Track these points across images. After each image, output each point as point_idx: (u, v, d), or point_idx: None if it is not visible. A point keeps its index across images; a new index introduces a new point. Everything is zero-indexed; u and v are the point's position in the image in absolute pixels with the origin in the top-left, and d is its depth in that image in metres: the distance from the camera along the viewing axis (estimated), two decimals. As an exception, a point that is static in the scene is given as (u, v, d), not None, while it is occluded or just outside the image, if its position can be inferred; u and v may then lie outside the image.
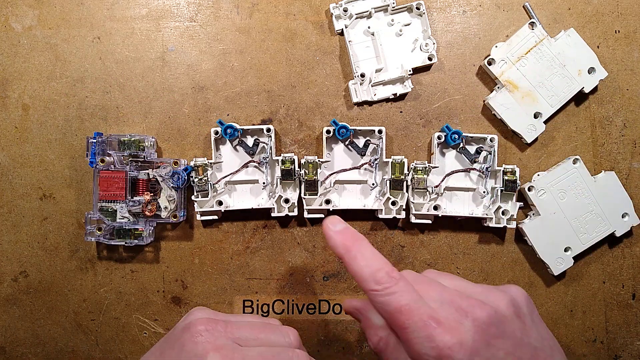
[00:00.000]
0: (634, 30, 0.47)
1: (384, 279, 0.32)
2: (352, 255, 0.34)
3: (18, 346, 0.48)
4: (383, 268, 0.32)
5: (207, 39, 0.47)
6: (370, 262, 0.33)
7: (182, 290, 0.47)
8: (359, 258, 0.33)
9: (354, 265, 0.33)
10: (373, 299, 0.32)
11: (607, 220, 0.46)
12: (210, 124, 0.47)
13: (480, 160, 0.46)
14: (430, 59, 0.46)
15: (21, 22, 0.47)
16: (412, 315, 0.31)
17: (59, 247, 0.47)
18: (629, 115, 0.47)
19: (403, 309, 0.31)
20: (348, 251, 0.34)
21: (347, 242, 0.34)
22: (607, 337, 0.48)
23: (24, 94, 0.47)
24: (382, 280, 0.32)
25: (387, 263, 0.33)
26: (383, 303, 0.32)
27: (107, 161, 0.44)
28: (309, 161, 0.45)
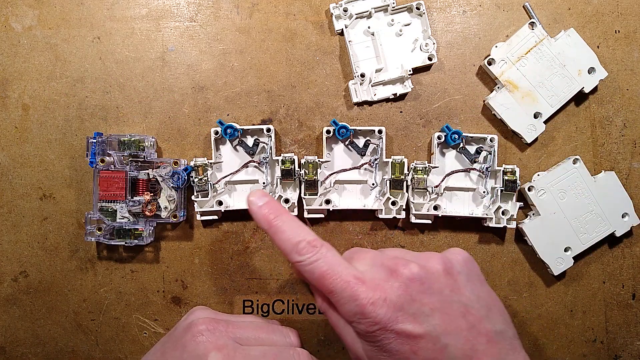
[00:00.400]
0: (634, 30, 0.47)
1: (305, 249, 0.32)
2: (274, 230, 0.34)
3: (18, 346, 0.48)
4: (304, 238, 0.32)
5: (207, 39, 0.47)
6: (291, 234, 0.33)
7: (182, 290, 0.47)
8: (280, 232, 0.33)
9: (277, 240, 0.34)
10: (300, 270, 0.33)
11: (607, 220, 0.46)
12: (210, 124, 0.47)
13: (480, 160, 0.46)
14: (430, 59, 0.47)
15: (21, 22, 0.47)
16: (334, 277, 0.31)
17: (59, 247, 0.47)
18: (629, 115, 0.47)
19: (325, 273, 0.31)
20: (270, 226, 0.34)
21: (269, 217, 0.34)
22: (607, 337, 0.48)
23: (24, 94, 0.47)
24: (304, 251, 0.32)
25: (309, 233, 0.33)
26: (308, 272, 0.32)
27: (107, 161, 0.44)
28: (309, 161, 0.45)
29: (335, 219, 0.48)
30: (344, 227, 0.48)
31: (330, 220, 0.48)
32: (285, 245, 0.33)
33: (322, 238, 0.46)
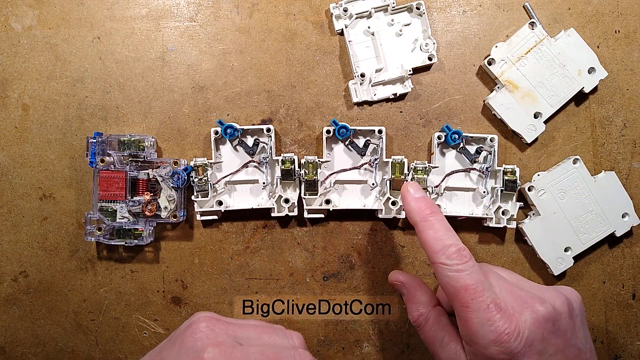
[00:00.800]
0: (634, 30, 0.47)
1: (455, 254, 0.32)
2: (427, 225, 0.34)
3: (18, 346, 0.48)
4: (455, 244, 0.33)
5: (207, 39, 0.47)
6: (443, 235, 0.33)
7: (182, 290, 0.47)
8: (434, 229, 0.34)
9: (426, 235, 0.34)
10: (440, 272, 0.33)
11: (607, 220, 0.46)
12: (210, 124, 0.47)
13: (480, 160, 0.46)
14: (430, 59, 0.47)
15: (21, 22, 0.47)
16: (476, 295, 0.31)
17: (59, 247, 0.47)
18: (629, 115, 0.47)
19: (469, 287, 0.32)
20: (424, 219, 0.34)
21: (425, 211, 0.35)
22: (607, 337, 0.48)
23: (24, 93, 0.47)
24: (453, 256, 0.32)
25: (459, 240, 0.33)
26: (451, 278, 0.32)
27: (107, 161, 0.44)
28: (309, 161, 0.45)
29: (335, 219, 0.48)
30: (344, 227, 0.48)
31: (330, 220, 0.48)
32: (434, 244, 0.33)
33: (322, 238, 0.47)
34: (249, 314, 0.47)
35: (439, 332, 0.36)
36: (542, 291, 0.34)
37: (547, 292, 0.34)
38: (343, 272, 0.48)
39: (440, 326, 0.36)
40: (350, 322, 0.47)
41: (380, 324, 0.47)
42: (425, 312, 0.37)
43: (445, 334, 0.35)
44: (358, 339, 0.47)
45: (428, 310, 0.37)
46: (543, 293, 0.34)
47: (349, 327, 0.47)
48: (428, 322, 0.37)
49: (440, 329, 0.36)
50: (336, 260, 0.47)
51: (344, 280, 0.48)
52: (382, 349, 0.47)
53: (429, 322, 0.36)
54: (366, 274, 0.48)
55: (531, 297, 0.33)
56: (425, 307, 0.37)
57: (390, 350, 0.47)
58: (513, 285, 0.34)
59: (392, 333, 0.47)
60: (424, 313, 0.37)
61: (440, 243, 0.33)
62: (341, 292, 0.48)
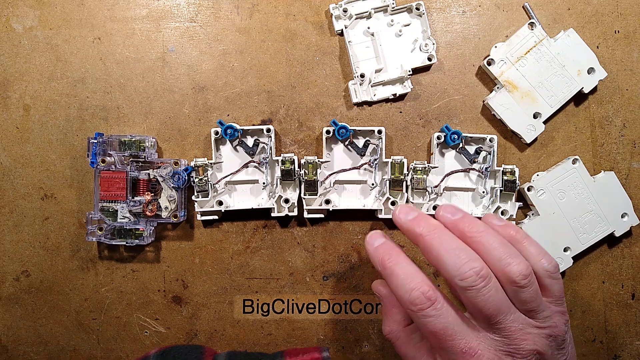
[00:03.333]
0: (633, 30, 0.47)
1: (418, 299, 0.31)
2: (387, 273, 0.33)
3: (20, 345, 0.48)
4: (417, 287, 0.31)
5: (207, 39, 0.48)
6: (404, 280, 0.32)
7: (182, 289, 0.48)
8: (394, 275, 0.33)
9: (389, 283, 0.33)
10: (412, 318, 0.32)
11: (607, 220, 0.46)
12: (210, 124, 0.47)
13: (480, 161, 0.46)
14: (429, 59, 0.47)
15: (22, 22, 0.47)
16: (447, 340, 0.31)
17: (61, 247, 0.48)
18: (629, 116, 0.48)
19: (438, 333, 0.31)
20: (384, 268, 0.33)
21: (384, 258, 0.33)
22: (606, 336, 0.48)
23: (25, 94, 0.47)
24: (417, 301, 0.31)
25: (422, 280, 0.32)
26: (420, 325, 0.31)
27: (108, 161, 0.45)
28: (309, 161, 0.45)
29: (335, 219, 0.48)
30: (343, 227, 0.48)
31: (330, 220, 0.48)
32: (397, 291, 0.32)
33: (322, 238, 0.48)
34: (249, 313, 0.48)
35: (410, 349, 0.35)
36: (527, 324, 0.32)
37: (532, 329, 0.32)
38: (343, 272, 0.48)
39: (410, 344, 0.36)
40: (350, 321, 0.48)
41: (380, 323, 0.48)
42: (396, 330, 0.37)
43: (416, 352, 0.35)
44: (357, 338, 0.48)
45: (399, 329, 0.37)
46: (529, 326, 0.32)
47: (348, 326, 0.48)
48: (399, 340, 0.36)
49: (411, 346, 0.36)
50: (336, 260, 0.48)
51: (344, 279, 0.48)
52: (382, 348, 0.48)
53: (399, 340, 0.36)
54: (366, 273, 0.48)
55: (517, 346, 0.31)
56: (397, 325, 0.37)
57: (389, 349, 0.48)
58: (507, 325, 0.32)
59: (392, 332, 0.48)
60: (394, 330, 0.37)
61: (401, 289, 0.32)
62: (341, 292, 0.48)
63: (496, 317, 0.31)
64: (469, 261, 0.31)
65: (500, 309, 0.31)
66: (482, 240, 0.33)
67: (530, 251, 0.35)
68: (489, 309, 0.31)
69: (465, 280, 0.31)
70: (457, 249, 0.32)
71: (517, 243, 0.35)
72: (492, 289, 0.31)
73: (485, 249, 0.33)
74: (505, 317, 0.31)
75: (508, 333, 0.31)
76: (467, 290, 0.31)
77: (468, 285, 0.31)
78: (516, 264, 0.32)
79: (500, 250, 0.33)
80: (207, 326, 0.48)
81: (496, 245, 0.33)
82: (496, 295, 0.31)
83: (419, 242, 0.33)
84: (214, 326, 0.48)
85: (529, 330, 0.32)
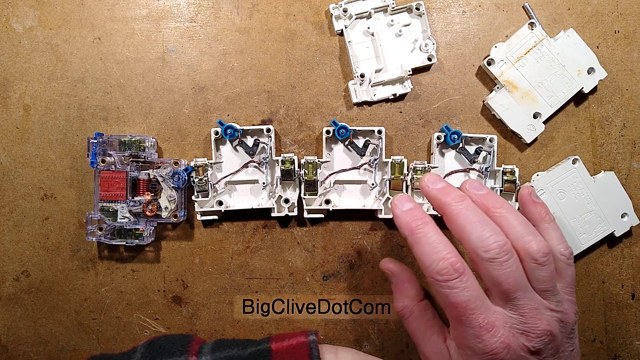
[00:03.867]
0: (633, 30, 0.47)
1: (446, 269, 0.31)
2: (415, 239, 0.32)
3: (20, 345, 0.48)
4: (446, 258, 0.31)
5: (207, 39, 0.48)
6: (433, 249, 0.31)
7: (182, 289, 0.48)
8: (422, 243, 0.32)
9: (416, 250, 0.32)
10: (433, 286, 0.32)
11: (607, 220, 0.46)
12: (210, 124, 0.47)
13: (480, 161, 0.46)
14: (429, 59, 0.47)
15: (22, 22, 0.47)
16: (467, 313, 0.30)
17: (60, 247, 0.48)
18: (629, 116, 0.48)
19: (460, 305, 0.30)
20: (412, 233, 0.33)
21: (412, 224, 0.33)
22: (606, 337, 0.48)
23: (25, 94, 0.47)
24: (444, 272, 0.31)
25: (451, 251, 0.31)
26: (441, 294, 0.31)
27: (107, 161, 0.45)
28: (309, 161, 0.45)
29: (335, 219, 0.48)
30: (343, 227, 0.48)
31: (330, 220, 0.48)
32: (424, 259, 0.32)
33: (322, 238, 0.48)
34: (249, 313, 0.48)
35: (422, 325, 0.35)
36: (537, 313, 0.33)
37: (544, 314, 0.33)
38: (343, 272, 0.48)
39: (423, 320, 0.36)
40: (350, 321, 0.48)
41: (380, 323, 0.48)
42: (410, 306, 0.37)
43: (428, 329, 0.35)
44: (358, 338, 0.48)
45: (413, 304, 0.37)
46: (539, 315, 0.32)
47: (348, 326, 0.48)
48: (412, 315, 0.36)
49: (424, 323, 0.35)
50: (336, 260, 0.48)
51: (344, 279, 0.48)
52: (382, 348, 0.48)
53: (412, 316, 0.36)
54: (366, 273, 0.48)
55: (535, 324, 0.32)
56: (410, 300, 0.37)
57: (389, 349, 0.48)
58: (523, 304, 0.32)
59: (392, 332, 0.48)
60: (408, 306, 0.37)
61: (429, 258, 0.31)
62: (341, 292, 0.48)
63: (515, 293, 0.31)
64: (493, 234, 0.31)
65: (519, 285, 0.31)
66: (506, 216, 0.34)
67: (551, 235, 0.36)
68: (510, 283, 0.31)
69: (488, 252, 0.31)
70: (483, 221, 0.32)
71: (542, 223, 0.37)
72: (514, 264, 0.31)
73: (508, 224, 0.33)
74: (523, 295, 0.31)
75: (524, 311, 0.31)
76: (490, 262, 0.31)
77: (491, 257, 0.31)
78: (537, 242, 0.32)
79: (522, 227, 0.33)
80: (207, 326, 0.48)
81: (519, 223, 0.33)
82: (517, 271, 0.31)
83: (445, 211, 0.33)
84: (214, 326, 0.48)
85: (543, 311, 0.32)
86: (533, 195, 0.38)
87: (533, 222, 0.38)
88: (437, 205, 0.35)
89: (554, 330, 0.31)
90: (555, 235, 0.36)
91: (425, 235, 0.32)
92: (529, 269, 0.32)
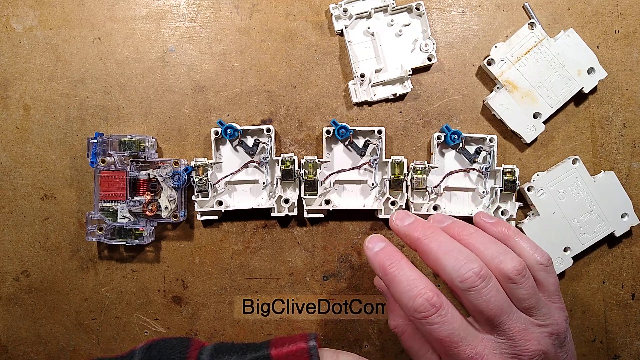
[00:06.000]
0: (633, 30, 0.47)
1: (423, 306, 0.30)
2: (389, 279, 0.32)
3: (20, 345, 0.48)
4: (421, 294, 0.30)
5: (207, 39, 0.48)
6: (407, 286, 0.31)
7: (182, 289, 0.48)
8: (396, 282, 0.32)
9: (392, 290, 0.32)
10: (414, 324, 0.31)
11: (607, 220, 0.46)
12: (210, 124, 0.47)
13: (480, 161, 0.46)
14: (429, 59, 0.47)
15: (22, 22, 0.47)
16: (452, 347, 0.30)
17: (60, 247, 0.48)
18: (629, 116, 0.48)
19: (444, 340, 0.30)
20: (386, 274, 0.32)
21: (386, 264, 0.33)
22: (606, 337, 0.48)
23: (25, 94, 0.47)
24: (421, 309, 0.30)
25: (427, 286, 0.31)
26: (423, 331, 0.31)
27: (107, 161, 0.45)
28: (309, 161, 0.45)
29: (335, 219, 0.48)
30: (343, 227, 0.48)
31: (330, 220, 0.48)
32: (401, 298, 0.31)
33: (322, 238, 0.48)
34: (249, 313, 0.48)
35: (415, 344, 0.35)
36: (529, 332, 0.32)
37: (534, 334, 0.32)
38: (343, 272, 0.48)
39: (416, 338, 0.35)
40: (350, 321, 0.48)
41: (380, 323, 0.48)
42: (402, 324, 0.36)
43: (422, 346, 0.35)
44: (358, 338, 0.48)
45: (405, 323, 0.36)
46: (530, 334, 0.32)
47: (348, 326, 0.48)
48: (405, 333, 0.36)
49: (417, 341, 0.35)
50: (336, 260, 0.48)
51: (344, 279, 0.48)
52: (382, 348, 0.48)
53: (405, 334, 0.36)
54: (366, 273, 0.48)
55: (524, 348, 0.31)
56: (403, 318, 0.37)
57: (389, 349, 0.48)
58: (512, 325, 0.32)
59: (392, 332, 0.47)
60: (400, 325, 0.36)
61: (405, 296, 0.31)
62: (341, 292, 0.48)
63: (499, 318, 0.31)
64: (467, 262, 0.31)
65: (502, 309, 0.31)
66: (473, 240, 0.33)
67: (523, 246, 0.35)
68: (492, 310, 0.30)
69: (465, 282, 0.30)
70: (454, 250, 0.32)
71: (509, 239, 0.35)
72: (493, 289, 0.31)
73: (477, 249, 0.33)
74: (508, 318, 0.31)
75: (512, 334, 0.31)
76: (468, 292, 0.30)
77: (468, 286, 0.30)
78: (509, 260, 0.32)
79: (492, 248, 0.33)
80: (207, 326, 0.48)
81: (487, 244, 0.33)
82: (498, 296, 0.31)
83: (417, 246, 0.33)
84: (214, 326, 0.48)
85: (531, 329, 0.32)
86: (486, 217, 0.37)
87: (500, 240, 0.36)
88: (409, 242, 0.34)
89: (545, 348, 0.31)
90: (527, 246, 0.35)
91: (399, 273, 0.32)
92: (508, 290, 0.32)
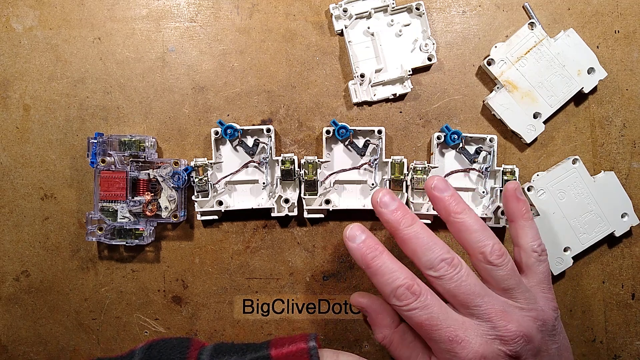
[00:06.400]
0: (633, 30, 0.47)
1: (403, 294, 0.32)
2: (372, 271, 0.34)
3: (20, 345, 0.48)
4: (402, 284, 0.32)
5: (207, 39, 0.48)
6: (389, 277, 0.33)
7: (182, 289, 0.48)
8: (379, 274, 0.33)
9: (375, 281, 0.34)
10: (397, 312, 0.33)
11: (607, 220, 0.46)
12: (210, 124, 0.47)
13: (480, 161, 0.46)
14: (429, 59, 0.47)
15: (22, 22, 0.47)
16: (433, 330, 0.31)
17: (60, 247, 0.48)
18: (629, 116, 0.48)
19: (424, 324, 0.32)
20: (368, 266, 0.34)
21: (367, 256, 0.34)
22: (606, 337, 0.48)
23: (25, 94, 0.47)
24: (402, 297, 0.32)
25: (407, 275, 0.33)
26: (406, 317, 0.33)
27: (107, 161, 0.45)
28: (309, 161, 0.45)
29: (335, 219, 0.48)
30: (343, 227, 0.48)
31: (330, 220, 0.48)
32: (383, 289, 0.33)
33: (322, 238, 0.48)
34: (249, 313, 0.48)
35: (405, 351, 0.36)
36: (513, 312, 0.33)
37: (518, 314, 0.33)
38: (343, 272, 0.48)
39: (405, 345, 0.36)
40: (350, 321, 0.48)
41: (380, 323, 0.48)
42: (389, 335, 0.37)
43: (412, 352, 0.36)
44: (358, 338, 0.48)
45: (391, 332, 0.37)
46: (514, 315, 0.33)
47: (348, 326, 0.48)
48: (392, 343, 0.37)
49: (405, 347, 0.36)
50: (336, 260, 0.48)
51: (344, 279, 0.48)
52: (382, 348, 0.48)
53: (393, 344, 0.37)
54: (366, 273, 0.48)
55: (505, 329, 0.32)
56: (388, 329, 0.38)
57: (389, 349, 0.48)
58: (490, 306, 0.33)
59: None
60: (387, 335, 0.37)
61: (387, 287, 0.33)
62: (341, 292, 0.48)
63: (473, 301, 0.32)
64: (441, 254, 0.33)
65: (473, 292, 0.32)
66: (466, 221, 0.35)
67: (527, 232, 0.37)
68: (463, 293, 0.32)
69: (437, 271, 0.32)
70: (431, 243, 0.33)
71: (522, 220, 0.37)
72: (464, 274, 0.32)
73: (467, 230, 0.34)
74: (482, 300, 0.32)
75: (490, 316, 0.32)
76: (440, 280, 0.32)
77: (440, 274, 0.32)
78: (492, 244, 0.33)
79: (480, 232, 0.34)
80: (207, 326, 0.48)
81: (476, 228, 0.34)
82: (467, 280, 0.32)
83: (397, 235, 0.35)
84: (214, 326, 0.48)
85: (511, 311, 0.32)
86: (518, 192, 0.39)
87: (512, 218, 0.39)
88: (388, 228, 0.36)
89: (528, 331, 0.32)
90: (531, 233, 0.37)
91: (381, 265, 0.34)
92: (486, 272, 0.34)
